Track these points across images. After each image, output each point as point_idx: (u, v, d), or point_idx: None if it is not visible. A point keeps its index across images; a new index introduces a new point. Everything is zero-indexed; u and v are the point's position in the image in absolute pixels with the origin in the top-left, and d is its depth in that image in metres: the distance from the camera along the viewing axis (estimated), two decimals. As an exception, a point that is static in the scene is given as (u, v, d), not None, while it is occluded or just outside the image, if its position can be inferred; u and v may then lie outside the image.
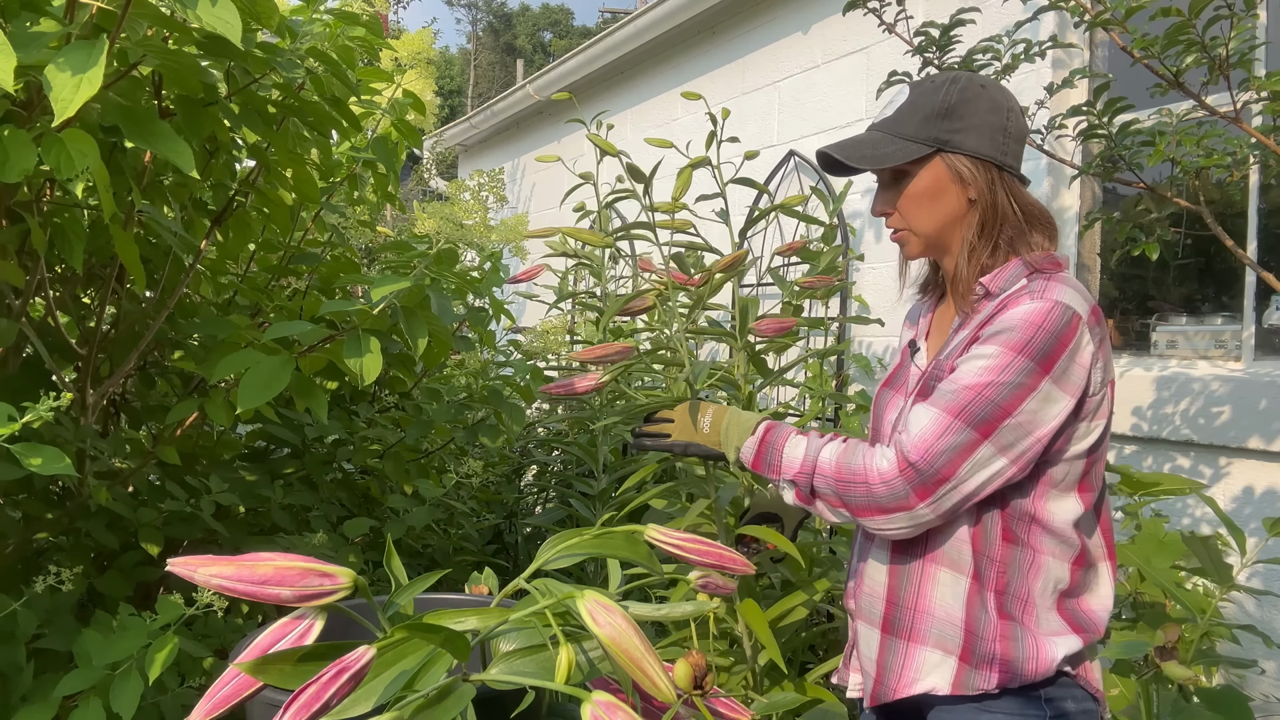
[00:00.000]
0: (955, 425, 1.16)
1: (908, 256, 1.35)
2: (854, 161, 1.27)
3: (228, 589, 0.68)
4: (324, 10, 1.74)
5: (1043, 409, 1.15)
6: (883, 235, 3.61)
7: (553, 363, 3.14)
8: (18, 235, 1.60)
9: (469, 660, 0.72)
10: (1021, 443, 1.16)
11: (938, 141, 1.25)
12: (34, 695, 1.50)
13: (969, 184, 1.25)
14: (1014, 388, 1.15)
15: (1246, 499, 2.51)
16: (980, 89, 1.26)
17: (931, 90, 1.28)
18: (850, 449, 1.24)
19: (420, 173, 8.07)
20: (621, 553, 0.80)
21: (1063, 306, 1.16)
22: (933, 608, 1.23)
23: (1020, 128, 1.28)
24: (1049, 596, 1.22)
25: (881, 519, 1.19)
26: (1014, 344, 1.16)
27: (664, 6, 4.63)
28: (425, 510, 2.30)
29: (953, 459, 1.15)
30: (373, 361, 1.65)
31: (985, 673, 1.20)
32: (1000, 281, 1.24)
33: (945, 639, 1.22)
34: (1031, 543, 1.21)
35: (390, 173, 2.10)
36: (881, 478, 1.18)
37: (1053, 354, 1.15)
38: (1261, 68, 2.10)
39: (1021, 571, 1.21)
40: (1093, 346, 1.18)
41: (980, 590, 1.21)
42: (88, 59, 1.14)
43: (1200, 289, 2.94)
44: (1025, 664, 1.19)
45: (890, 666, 1.26)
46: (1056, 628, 1.21)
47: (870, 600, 1.30)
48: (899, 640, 1.26)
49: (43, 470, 1.18)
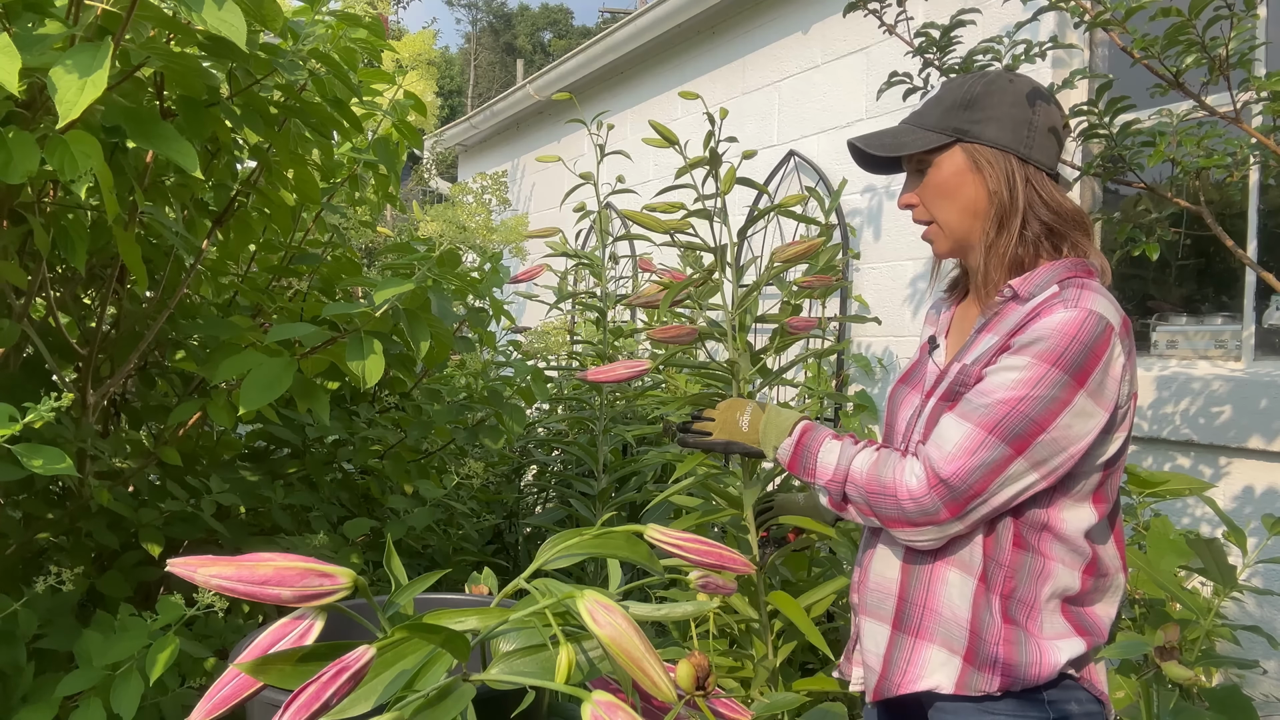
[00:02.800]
0: (989, 441, 1.14)
1: (937, 254, 1.34)
2: (874, 149, 1.28)
3: (228, 589, 0.69)
4: (326, 12, 1.74)
5: (1077, 424, 1.14)
6: (882, 235, 3.61)
7: (553, 363, 3.15)
8: (20, 236, 1.61)
9: (469, 660, 0.72)
10: (1055, 459, 1.15)
11: (957, 131, 1.24)
12: (34, 695, 1.50)
13: (987, 174, 1.23)
14: (1049, 401, 1.13)
15: (1247, 498, 2.51)
16: (1008, 83, 1.25)
17: (958, 83, 1.28)
18: (882, 460, 1.23)
19: (420, 173, 8.07)
20: (621, 553, 0.80)
21: (1097, 316, 1.14)
22: (940, 607, 1.23)
23: (1051, 123, 1.25)
24: (1055, 602, 1.21)
25: (910, 531, 1.20)
26: (1047, 355, 1.14)
27: (664, 6, 4.64)
28: (426, 511, 2.31)
29: (986, 476, 1.15)
30: (375, 364, 1.65)
31: (988, 675, 1.20)
32: (1030, 286, 1.22)
33: (951, 638, 1.22)
34: (1042, 549, 1.20)
35: (391, 173, 2.10)
36: (911, 494, 1.18)
37: (1087, 367, 1.13)
38: (1261, 68, 2.10)
39: (1030, 577, 1.20)
40: (1123, 359, 1.16)
41: (986, 593, 1.21)
42: (93, 61, 1.15)
43: (1200, 289, 2.94)
44: (1028, 668, 1.18)
45: (896, 662, 1.26)
46: (1061, 630, 1.21)
47: (879, 596, 1.30)
48: (906, 636, 1.26)
49: (43, 471, 1.18)
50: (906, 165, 1.32)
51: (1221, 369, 2.67)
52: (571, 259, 2.94)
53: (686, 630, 2.01)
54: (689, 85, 4.79)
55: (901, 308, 3.50)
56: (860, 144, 1.30)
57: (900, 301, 3.51)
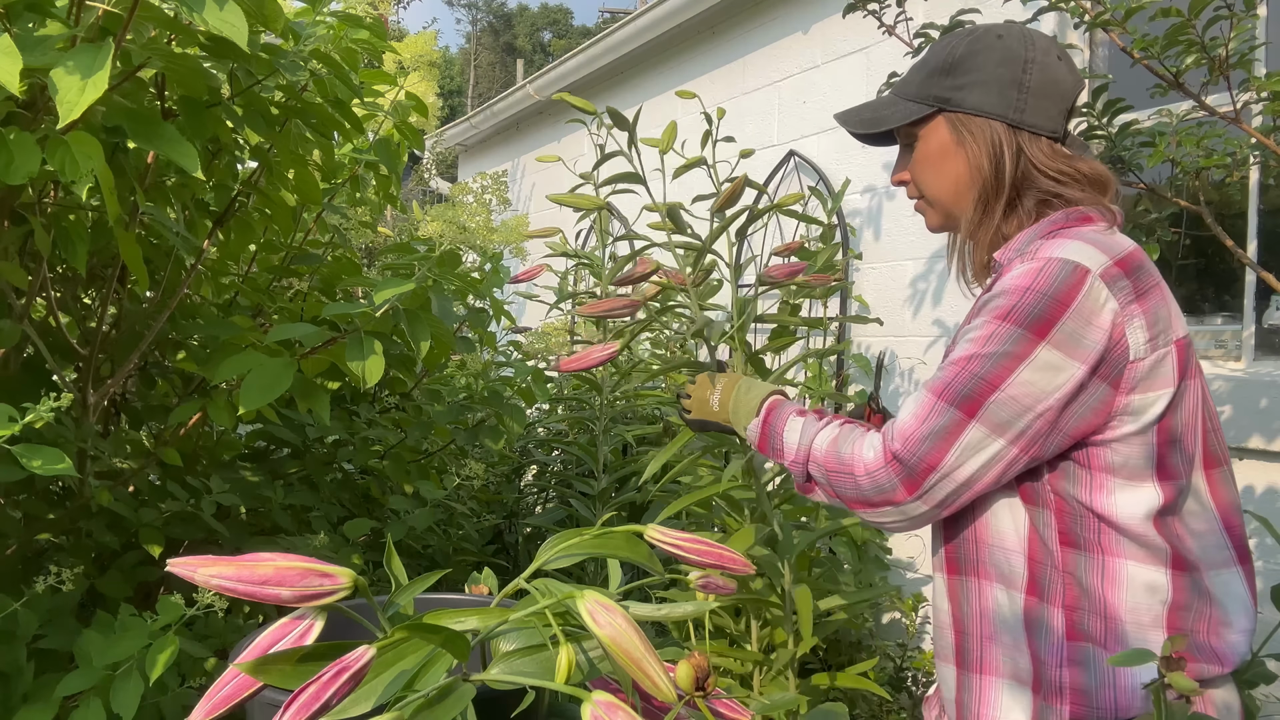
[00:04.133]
0: (938, 406, 1.03)
1: (930, 228, 1.25)
2: (853, 126, 1.21)
3: (228, 589, 0.69)
4: (327, 12, 1.74)
5: (1040, 379, 1.00)
6: (883, 234, 3.61)
7: (553, 363, 3.15)
8: (21, 236, 1.61)
9: (469, 660, 0.73)
10: (1019, 420, 1.01)
11: (938, 100, 1.14)
12: (34, 695, 1.50)
13: (968, 146, 1.13)
14: (1000, 358, 1.01)
15: (1247, 498, 2.51)
16: (995, 39, 1.13)
17: (942, 45, 1.17)
18: (843, 436, 1.11)
19: (420, 173, 8.07)
20: (621, 553, 0.80)
21: (1060, 262, 1.02)
22: (997, 632, 1.08)
23: (1046, 81, 1.11)
24: (1146, 614, 1.02)
25: (870, 512, 1.08)
26: (999, 312, 1.03)
27: (664, 6, 4.64)
28: (426, 511, 2.31)
29: (937, 445, 1.02)
30: (375, 364, 1.65)
31: (1057, 706, 1.03)
32: (1008, 253, 1.12)
33: (1018, 667, 1.07)
34: (1102, 544, 1.03)
35: (392, 174, 2.11)
36: (866, 469, 1.06)
37: (1048, 316, 1.00)
38: (1261, 68, 2.10)
39: (1092, 581, 1.03)
40: (1116, 303, 1.00)
41: (1041, 605, 1.05)
42: (94, 62, 1.15)
43: (1200, 289, 2.94)
44: (1100, 692, 1.02)
45: (968, 706, 1.11)
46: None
47: (940, 631, 1.16)
48: (971, 674, 1.11)
49: (43, 471, 1.18)
50: (897, 137, 1.23)
51: (1222, 369, 2.67)
52: (571, 259, 2.94)
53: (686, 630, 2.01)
54: (689, 85, 4.79)
55: (902, 308, 3.50)
56: (840, 120, 1.22)
57: (901, 302, 3.51)
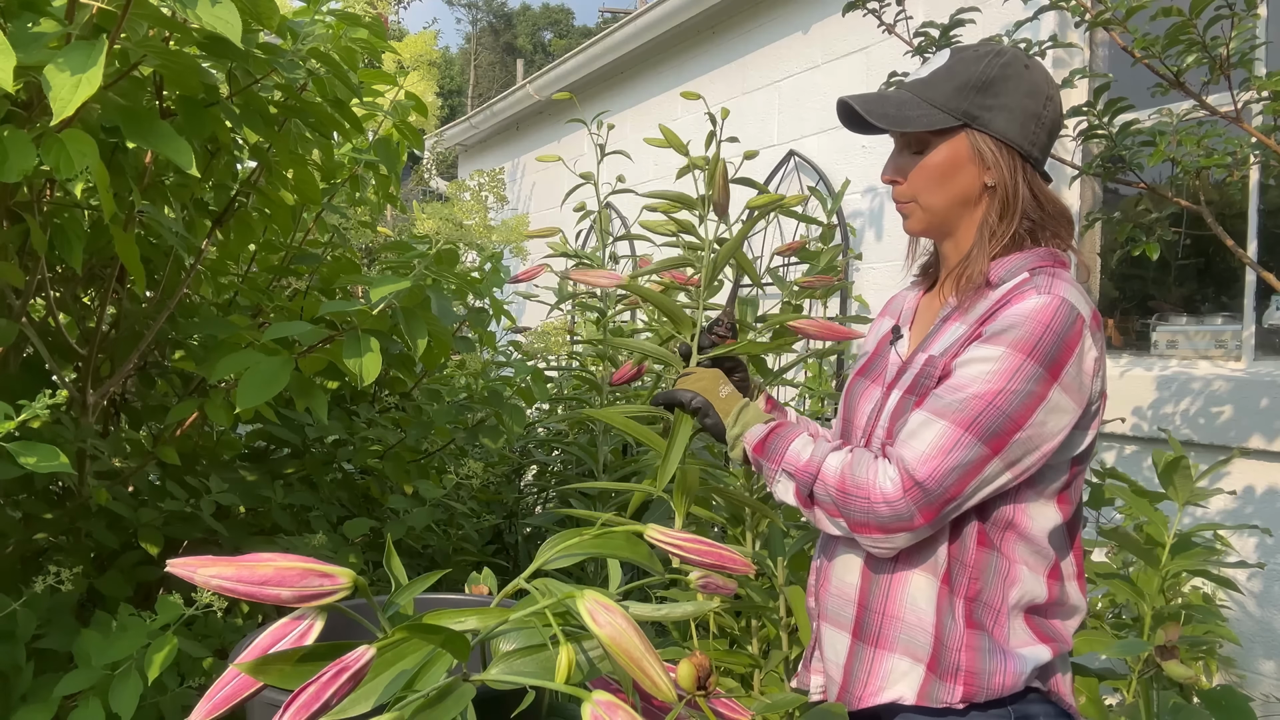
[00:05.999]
0: (965, 440, 1.07)
1: (908, 231, 1.27)
2: (875, 118, 1.18)
3: (227, 589, 0.68)
4: (326, 11, 1.74)
5: (1051, 420, 1.08)
6: (883, 235, 3.61)
7: (553, 363, 3.14)
8: (18, 235, 1.61)
9: (469, 660, 0.72)
10: (1028, 457, 1.09)
11: (967, 116, 1.17)
12: (34, 695, 1.50)
13: (990, 168, 1.17)
14: (1025, 396, 1.07)
15: (1248, 498, 2.51)
16: (1024, 68, 1.18)
17: (973, 59, 1.19)
18: (857, 459, 1.15)
19: (420, 172, 8.07)
20: (621, 553, 0.80)
21: (1070, 306, 1.09)
22: (903, 612, 1.16)
23: (1055, 120, 1.20)
24: (1020, 609, 1.15)
25: (879, 536, 1.12)
26: (1022, 344, 1.08)
27: (664, 6, 4.64)
28: (426, 511, 2.30)
29: (961, 478, 1.08)
30: (372, 362, 1.65)
31: (949, 685, 1.13)
32: (1001, 272, 1.16)
33: (915, 646, 1.16)
34: (1006, 550, 1.14)
35: (392, 174, 2.10)
36: (885, 498, 1.10)
37: (1060, 359, 1.08)
38: (1262, 67, 2.10)
39: (995, 580, 1.14)
40: (1095, 353, 1.11)
41: (950, 595, 1.15)
42: (87, 59, 1.14)
43: (1200, 289, 2.94)
44: (992, 677, 1.12)
45: (856, 673, 1.20)
46: (1025, 638, 1.15)
47: (839, 602, 1.23)
48: (867, 646, 1.19)
49: (38, 468, 1.18)
50: (898, 136, 1.23)
51: (1222, 369, 2.67)
52: (572, 259, 2.93)
53: (686, 630, 2.01)
54: (689, 85, 4.79)
55: (901, 308, 3.50)
56: (858, 106, 1.19)
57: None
